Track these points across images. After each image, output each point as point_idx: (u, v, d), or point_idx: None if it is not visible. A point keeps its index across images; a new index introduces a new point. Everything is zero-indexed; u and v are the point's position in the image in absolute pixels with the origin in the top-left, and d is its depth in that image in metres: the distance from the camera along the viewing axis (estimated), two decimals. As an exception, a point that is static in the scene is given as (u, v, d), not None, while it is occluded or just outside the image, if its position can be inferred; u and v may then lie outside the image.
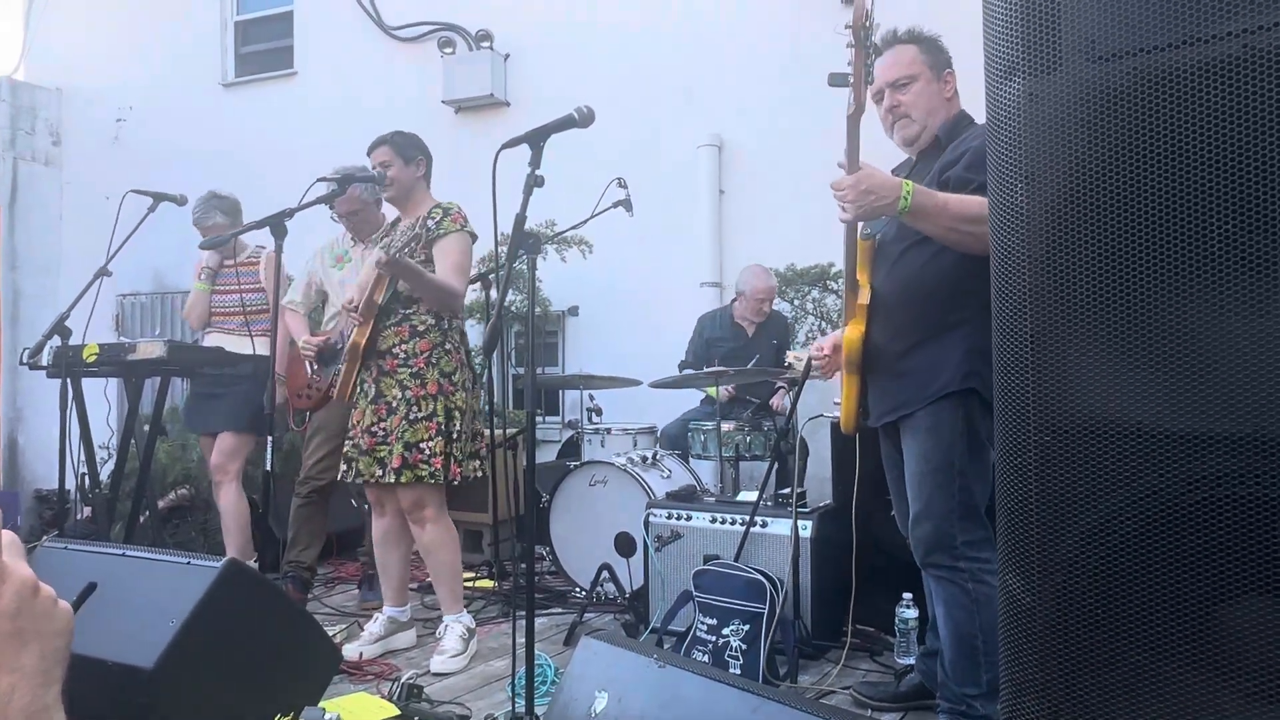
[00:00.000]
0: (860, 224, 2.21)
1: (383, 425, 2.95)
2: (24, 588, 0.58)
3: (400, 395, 2.94)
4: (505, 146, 2.15)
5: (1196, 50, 0.91)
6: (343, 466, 3.05)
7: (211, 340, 3.92)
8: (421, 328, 2.99)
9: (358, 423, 3.02)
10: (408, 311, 2.99)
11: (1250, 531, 0.91)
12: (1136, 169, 0.97)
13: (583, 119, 2.23)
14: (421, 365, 2.96)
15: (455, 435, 2.97)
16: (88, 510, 3.93)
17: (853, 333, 2.22)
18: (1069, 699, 1.02)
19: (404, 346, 2.97)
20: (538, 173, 2.19)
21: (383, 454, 2.94)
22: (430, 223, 3.00)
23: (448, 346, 3.02)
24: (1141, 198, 0.97)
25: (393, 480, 2.91)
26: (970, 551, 2.12)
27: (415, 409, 2.93)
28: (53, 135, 8.02)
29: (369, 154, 3.11)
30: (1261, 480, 0.91)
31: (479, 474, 3.08)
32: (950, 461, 2.12)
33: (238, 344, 3.83)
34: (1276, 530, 0.90)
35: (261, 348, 3.76)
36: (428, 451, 2.91)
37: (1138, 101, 0.96)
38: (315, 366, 3.68)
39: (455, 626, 3.03)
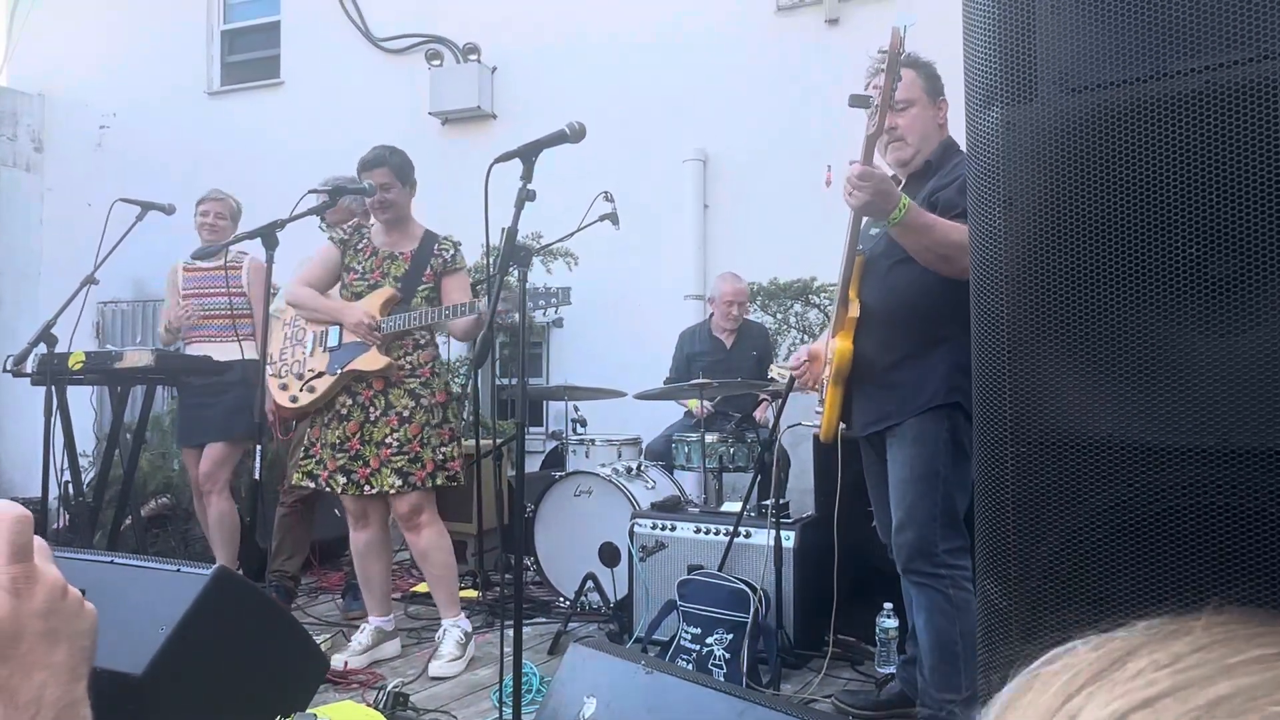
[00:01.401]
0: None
1: (397, 435, 2.99)
2: (54, 589, 0.61)
3: (414, 404, 3.02)
4: (498, 161, 2.18)
5: (1162, 84, 0.97)
6: (340, 479, 3.03)
7: (195, 351, 3.88)
8: (422, 341, 3.11)
9: (354, 435, 3.02)
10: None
11: (1214, 540, 0.96)
12: (1108, 195, 1.02)
13: (574, 134, 2.27)
14: (428, 375, 3.08)
15: (459, 441, 3.14)
16: (66, 519, 3.91)
17: (843, 345, 2.26)
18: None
19: (409, 358, 3.06)
20: (529, 187, 2.22)
21: (401, 463, 2.98)
22: (445, 255, 3.14)
23: (440, 359, 3.15)
24: (1113, 222, 1.02)
25: (429, 486, 3.02)
26: (950, 559, 2.17)
27: (432, 416, 3.04)
28: (35, 141, 7.97)
29: (366, 170, 3.11)
30: (1225, 490, 0.96)
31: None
32: (935, 470, 2.17)
33: (221, 350, 3.80)
34: (1239, 538, 0.95)
35: (248, 352, 3.76)
36: (445, 456, 3.04)
37: (1109, 131, 1.02)
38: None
39: (453, 631, 3.06)
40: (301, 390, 3.11)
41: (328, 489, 3.10)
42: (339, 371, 3.04)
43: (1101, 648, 0.36)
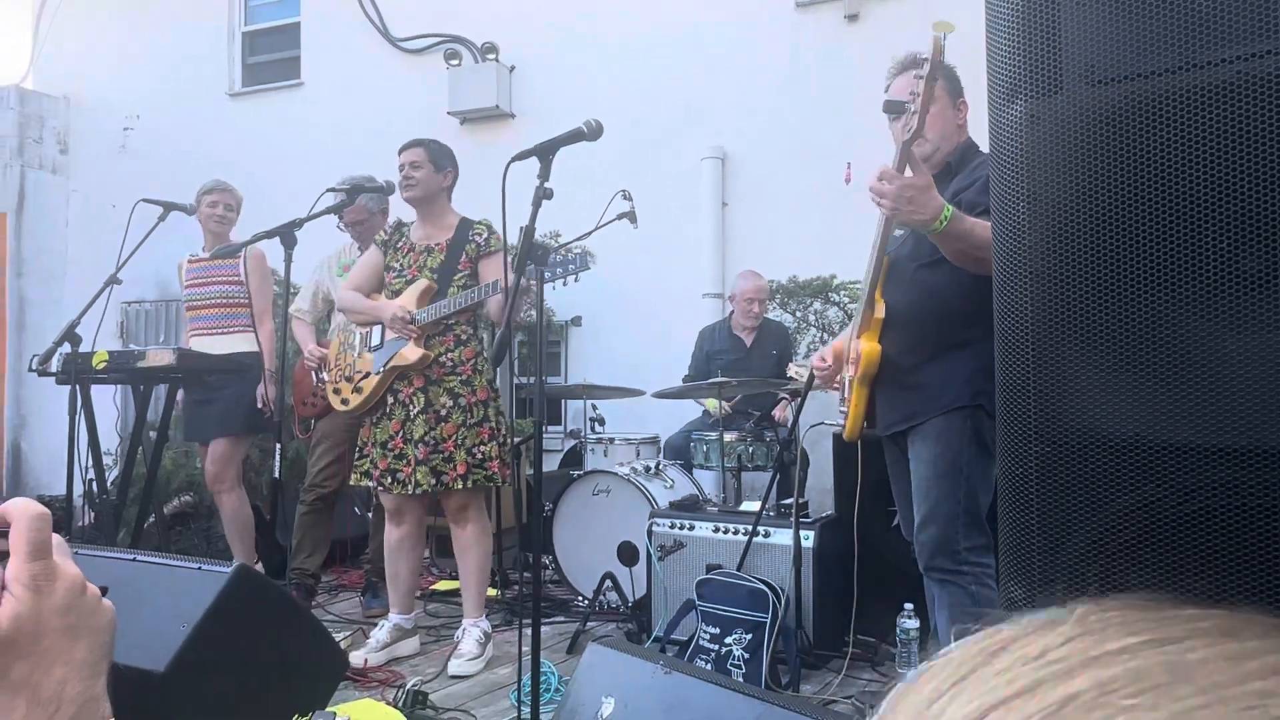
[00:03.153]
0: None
1: (434, 434, 2.99)
2: (74, 585, 0.61)
3: (452, 403, 3.01)
4: (516, 159, 2.18)
5: (1192, 75, 0.94)
6: (388, 479, 3.06)
7: (193, 343, 3.84)
8: (464, 336, 3.08)
9: (397, 433, 3.03)
10: (450, 321, 3.05)
11: (1245, 540, 0.94)
12: (1135, 189, 1.00)
13: (592, 132, 2.26)
14: (469, 372, 3.05)
15: (503, 439, 3.09)
16: (91, 516, 3.95)
17: (870, 346, 2.26)
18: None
19: (450, 355, 3.04)
20: (546, 185, 2.22)
21: (436, 462, 2.98)
22: (479, 239, 3.09)
23: (484, 354, 3.13)
24: (1140, 217, 1.00)
25: (459, 488, 2.98)
26: (973, 557, 2.17)
27: (470, 415, 3.01)
28: (60, 143, 8.06)
29: (402, 151, 3.13)
30: (1257, 490, 0.94)
31: None
32: (958, 468, 2.17)
33: (218, 343, 3.78)
34: (1271, 539, 0.92)
35: (251, 344, 3.76)
36: (482, 456, 3.02)
37: (1136, 124, 0.99)
38: (320, 375, 3.71)
39: (473, 630, 3.08)
40: (351, 392, 3.15)
41: (379, 488, 3.12)
42: (382, 369, 3.05)
43: (989, 638, 0.34)
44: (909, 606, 2.84)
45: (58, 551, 0.62)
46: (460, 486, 2.99)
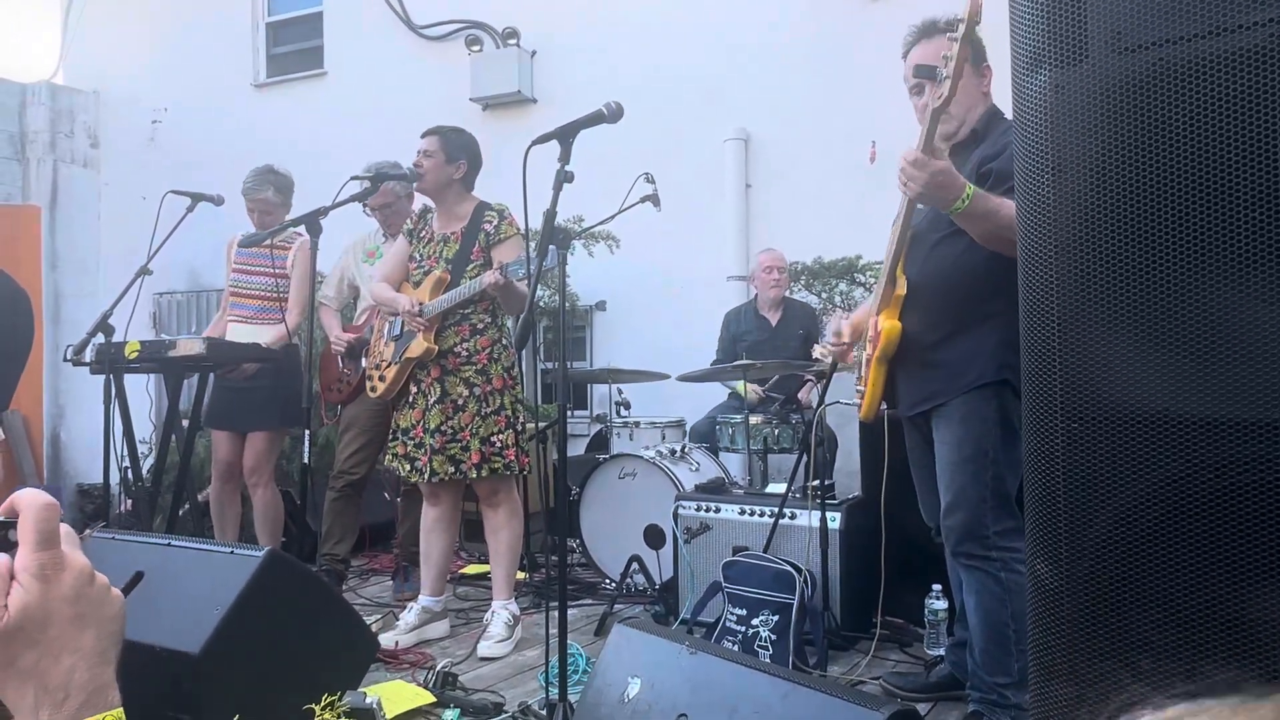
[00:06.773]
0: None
1: (451, 423, 3.01)
2: (82, 575, 0.62)
3: (468, 392, 3.03)
4: (536, 143, 2.17)
5: (1222, 40, 0.92)
6: (406, 466, 3.11)
7: (232, 329, 3.84)
8: (480, 325, 3.08)
9: (418, 422, 3.07)
10: (465, 311, 3.06)
11: (1277, 515, 0.92)
12: (1163, 159, 0.98)
13: (612, 114, 2.25)
14: (485, 361, 3.06)
15: (520, 427, 3.10)
16: (128, 503, 4.02)
17: (891, 323, 2.21)
18: (1097, 682, 1.03)
19: (465, 345, 3.05)
20: (567, 168, 2.21)
21: (454, 451, 3.01)
22: (488, 227, 3.09)
23: (504, 342, 3.13)
24: (1168, 187, 0.98)
25: (474, 476, 3.02)
26: (1002, 541, 2.12)
27: (485, 405, 3.04)
28: (91, 138, 8.17)
29: (422, 137, 3.16)
30: (1290, 466, 0.92)
31: None
32: (984, 451, 2.12)
33: (252, 333, 3.79)
34: (1305, 515, 0.90)
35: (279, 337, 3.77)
36: (499, 445, 3.03)
37: (1164, 92, 0.97)
38: (346, 361, 3.75)
39: (502, 613, 3.11)
40: (378, 380, 3.22)
41: (400, 474, 3.18)
42: (400, 359, 3.10)
43: None
44: (937, 588, 2.82)
45: (66, 541, 0.62)
46: (476, 475, 3.02)
